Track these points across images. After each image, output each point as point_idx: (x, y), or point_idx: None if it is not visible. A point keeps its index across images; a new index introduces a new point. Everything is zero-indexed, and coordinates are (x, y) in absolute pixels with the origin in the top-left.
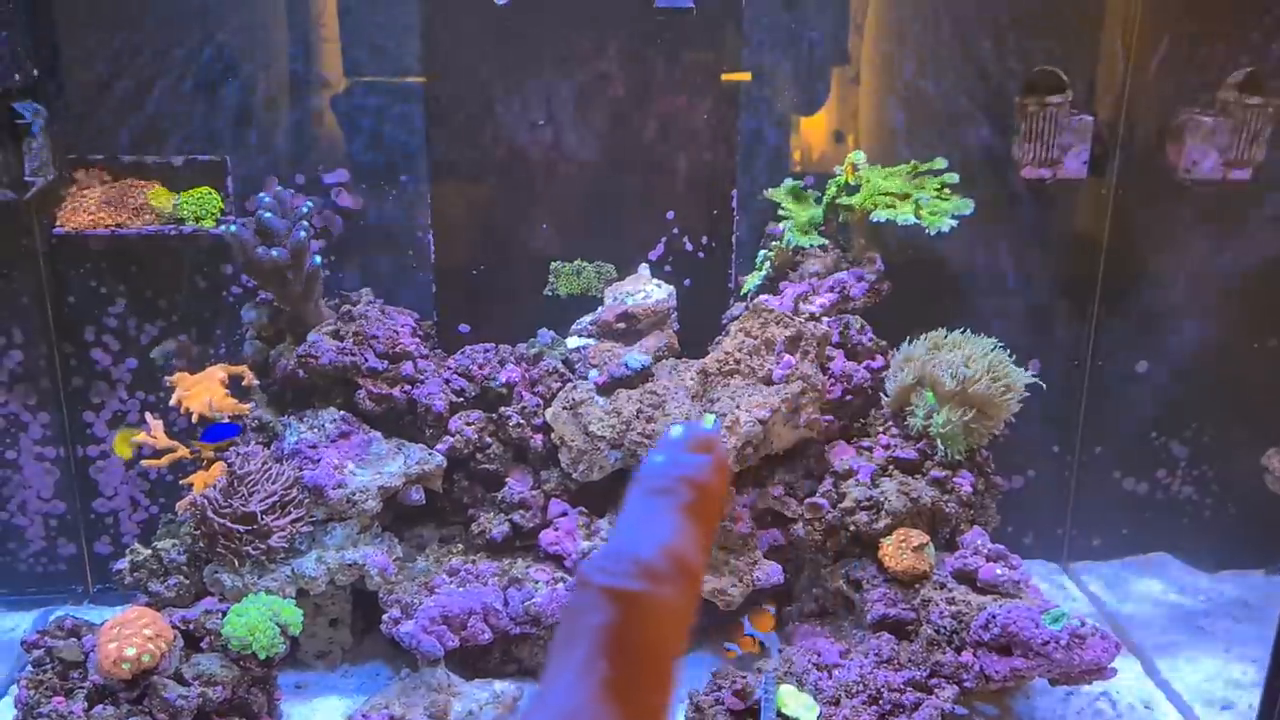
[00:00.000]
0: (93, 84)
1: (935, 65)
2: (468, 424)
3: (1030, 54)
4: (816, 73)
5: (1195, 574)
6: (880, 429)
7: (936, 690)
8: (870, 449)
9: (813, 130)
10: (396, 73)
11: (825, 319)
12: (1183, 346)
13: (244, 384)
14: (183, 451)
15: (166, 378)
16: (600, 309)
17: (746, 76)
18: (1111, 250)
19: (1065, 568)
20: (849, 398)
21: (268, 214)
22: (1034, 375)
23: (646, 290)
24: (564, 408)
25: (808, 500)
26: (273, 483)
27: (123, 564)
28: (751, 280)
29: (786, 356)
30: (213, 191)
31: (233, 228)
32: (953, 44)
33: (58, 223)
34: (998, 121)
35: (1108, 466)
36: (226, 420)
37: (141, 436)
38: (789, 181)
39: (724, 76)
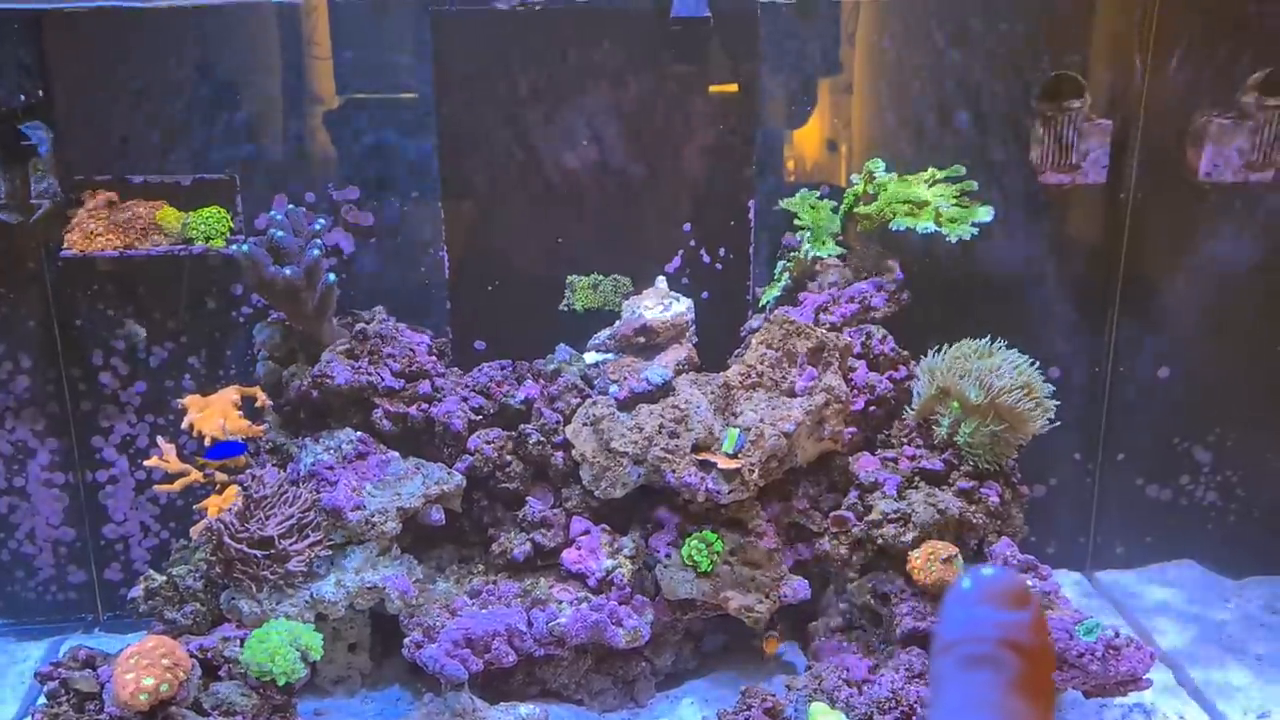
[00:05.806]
0: (99, 104)
1: (953, 71)
2: (487, 442)
3: (1045, 59)
4: (835, 82)
5: (1221, 580)
6: (904, 440)
7: None
8: (895, 460)
9: (813, 139)
10: (408, 89)
11: (846, 329)
12: (1204, 351)
13: (257, 405)
14: (196, 475)
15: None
16: (618, 323)
17: (757, 86)
18: (1131, 255)
19: (1089, 576)
20: (872, 409)
21: (280, 232)
22: (1053, 396)
23: (664, 303)
24: (584, 424)
25: (833, 514)
26: (290, 505)
27: (137, 591)
28: (770, 292)
29: (809, 368)
30: (222, 211)
31: (245, 247)
32: (969, 50)
33: (65, 245)
34: (1013, 128)
35: (1130, 473)
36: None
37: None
38: (805, 191)
39: (739, 86)
